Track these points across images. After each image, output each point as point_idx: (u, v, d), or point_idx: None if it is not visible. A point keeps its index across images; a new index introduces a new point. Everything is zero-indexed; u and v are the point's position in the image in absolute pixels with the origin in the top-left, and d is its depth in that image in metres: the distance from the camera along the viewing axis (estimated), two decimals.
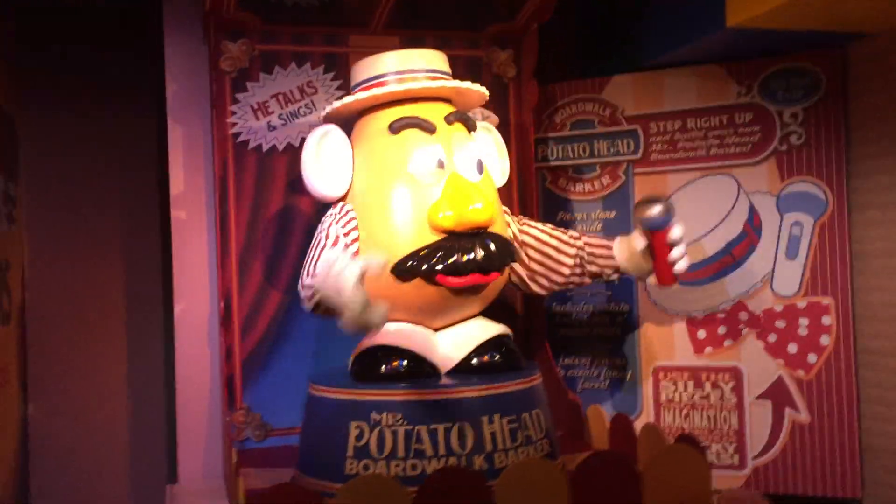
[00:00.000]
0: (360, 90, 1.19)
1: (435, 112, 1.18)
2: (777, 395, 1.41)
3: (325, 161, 1.17)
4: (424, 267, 1.09)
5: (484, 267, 1.10)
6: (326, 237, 1.13)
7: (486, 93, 1.25)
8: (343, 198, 1.18)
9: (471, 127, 1.21)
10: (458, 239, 1.10)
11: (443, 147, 1.15)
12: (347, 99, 1.18)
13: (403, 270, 1.10)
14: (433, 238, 1.11)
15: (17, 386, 1.60)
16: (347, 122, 1.23)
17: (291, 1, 1.35)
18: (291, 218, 1.40)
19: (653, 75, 1.49)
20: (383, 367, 1.10)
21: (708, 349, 1.45)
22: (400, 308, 1.15)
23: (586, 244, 1.27)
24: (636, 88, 1.50)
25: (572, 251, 1.27)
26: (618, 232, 1.51)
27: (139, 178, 1.59)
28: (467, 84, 1.20)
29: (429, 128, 1.15)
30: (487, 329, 1.17)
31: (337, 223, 1.14)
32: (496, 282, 1.18)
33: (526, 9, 1.42)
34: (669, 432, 1.46)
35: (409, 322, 1.15)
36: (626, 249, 1.26)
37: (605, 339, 1.53)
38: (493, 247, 1.11)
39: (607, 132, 1.52)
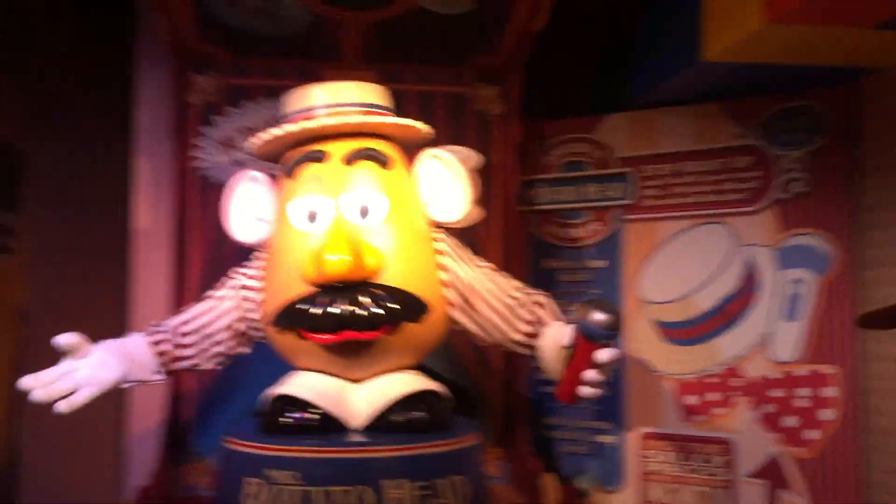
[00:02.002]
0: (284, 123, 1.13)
1: (348, 148, 1.10)
2: (772, 474, 1.24)
3: (236, 206, 1.13)
4: (286, 321, 1.03)
5: (356, 323, 1.00)
6: (221, 287, 1.11)
7: (420, 127, 1.15)
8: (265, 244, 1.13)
9: (383, 162, 1.10)
10: (329, 292, 1.01)
11: (329, 192, 1.06)
12: (256, 140, 1.12)
13: (275, 322, 1.05)
14: (310, 290, 1.03)
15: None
16: (278, 158, 1.17)
17: (254, 33, 1.31)
18: None
19: (647, 115, 1.37)
20: (280, 418, 1.02)
21: (698, 417, 1.30)
22: (307, 359, 1.07)
23: (535, 304, 1.13)
24: (630, 128, 1.39)
25: (527, 313, 1.12)
26: (609, 284, 1.39)
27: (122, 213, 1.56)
28: (381, 119, 1.11)
29: (315, 156, 1.08)
30: (410, 383, 1.07)
31: (242, 270, 1.12)
32: (423, 332, 1.08)
33: (507, 38, 1.33)
34: None
35: (322, 371, 1.07)
36: (553, 336, 1.08)
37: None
38: (369, 301, 1.00)
39: (598, 175, 1.41)
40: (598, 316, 0.98)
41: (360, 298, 1.01)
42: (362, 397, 1.06)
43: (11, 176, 1.65)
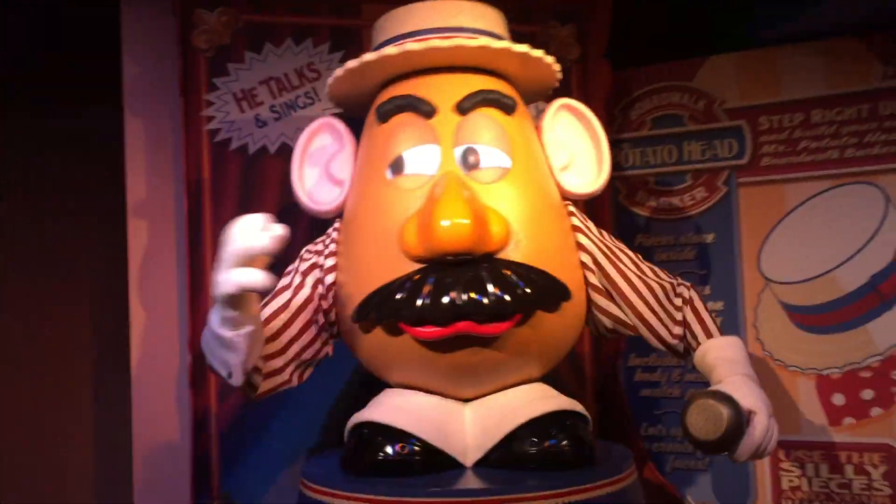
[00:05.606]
0: None
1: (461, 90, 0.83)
2: None
3: (311, 164, 0.88)
4: (381, 311, 0.76)
5: (473, 313, 0.73)
6: (292, 273, 0.84)
7: (553, 63, 0.89)
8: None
9: (508, 107, 0.85)
10: (436, 271, 0.75)
11: (437, 140, 0.80)
12: (338, 71, 0.85)
13: (361, 315, 0.77)
14: (410, 268, 0.77)
15: None
16: (366, 104, 0.89)
17: None
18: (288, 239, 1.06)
19: (762, 54, 1.13)
20: (375, 454, 0.75)
21: (848, 420, 1.07)
22: (402, 368, 0.80)
23: (680, 299, 0.88)
24: (740, 72, 1.15)
25: (675, 310, 0.87)
26: (721, 260, 1.15)
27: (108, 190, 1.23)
28: (506, 45, 0.84)
29: (424, 109, 0.81)
30: (542, 401, 0.80)
31: (314, 247, 0.86)
32: (560, 328, 0.82)
33: None
34: None
35: (422, 389, 0.80)
36: (715, 376, 0.83)
37: None
38: (491, 283, 0.74)
39: (701, 130, 1.16)
40: (699, 437, 0.74)
41: (484, 279, 0.74)
42: (476, 421, 0.79)
43: None
